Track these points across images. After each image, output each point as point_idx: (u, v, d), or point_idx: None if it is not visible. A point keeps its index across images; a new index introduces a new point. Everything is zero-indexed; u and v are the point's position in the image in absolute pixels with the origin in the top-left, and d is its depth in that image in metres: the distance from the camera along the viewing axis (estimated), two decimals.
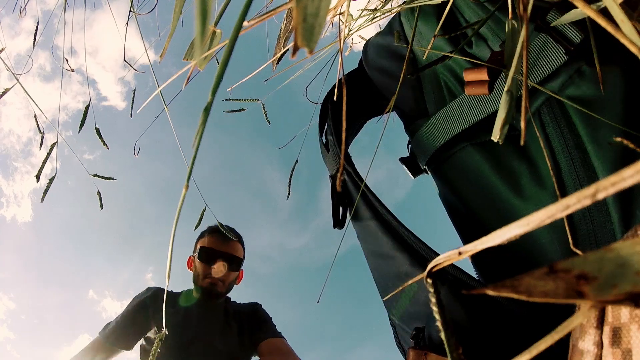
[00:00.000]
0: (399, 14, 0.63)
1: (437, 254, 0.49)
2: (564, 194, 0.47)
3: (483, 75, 0.47)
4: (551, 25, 0.47)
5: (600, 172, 0.45)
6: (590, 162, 0.46)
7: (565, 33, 0.46)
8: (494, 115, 0.52)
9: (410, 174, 0.68)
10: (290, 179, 1.09)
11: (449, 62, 0.57)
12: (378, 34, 0.71)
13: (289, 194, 1.17)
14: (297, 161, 1.04)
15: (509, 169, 0.51)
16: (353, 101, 0.71)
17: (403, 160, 0.69)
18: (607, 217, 0.44)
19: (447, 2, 0.52)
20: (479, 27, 0.49)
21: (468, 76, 0.49)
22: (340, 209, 0.64)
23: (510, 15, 0.40)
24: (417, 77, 0.62)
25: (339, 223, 0.63)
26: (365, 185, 0.58)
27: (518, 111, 0.48)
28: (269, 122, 1.08)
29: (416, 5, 0.56)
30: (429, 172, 0.63)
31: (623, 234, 0.42)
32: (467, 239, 0.57)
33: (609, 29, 0.18)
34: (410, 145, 0.68)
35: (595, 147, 0.45)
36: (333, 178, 0.63)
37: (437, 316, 0.15)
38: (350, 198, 0.61)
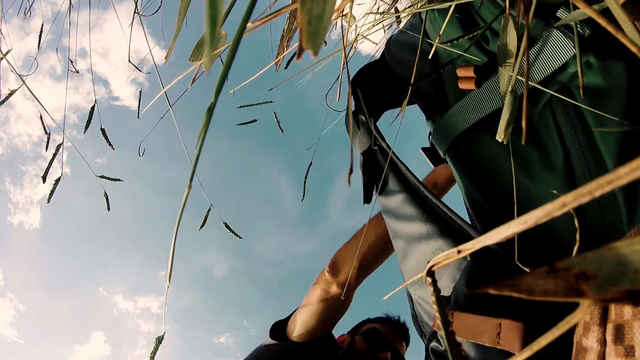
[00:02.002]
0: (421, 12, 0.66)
1: (467, 223, 0.52)
2: (573, 177, 0.50)
3: (470, 73, 0.52)
4: (555, 25, 0.49)
5: (606, 155, 0.48)
6: (596, 147, 0.49)
7: (574, 27, 0.48)
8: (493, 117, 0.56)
9: (431, 163, 0.73)
10: (305, 181, 1.09)
11: (468, 58, 0.60)
12: (401, 31, 0.74)
13: (304, 196, 1.18)
14: (311, 163, 1.05)
15: (522, 155, 0.54)
16: (377, 89, 0.74)
17: (425, 150, 0.72)
18: (617, 216, 0.46)
19: (462, 2, 0.54)
20: (489, 24, 0.53)
21: (459, 72, 0.53)
22: (367, 186, 0.68)
23: (507, 12, 0.41)
24: (438, 72, 0.64)
25: (368, 198, 0.67)
26: (397, 157, 0.61)
27: (532, 104, 0.51)
28: (282, 130, 1.08)
29: (424, 9, 0.57)
30: (448, 161, 0.65)
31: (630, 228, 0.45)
32: (482, 222, 0.58)
33: (610, 29, 0.18)
34: (430, 136, 0.70)
35: (601, 133, 0.48)
36: (364, 155, 0.66)
37: (437, 314, 0.15)
38: (381, 172, 0.64)
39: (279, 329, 1.11)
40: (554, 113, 0.52)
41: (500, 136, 0.44)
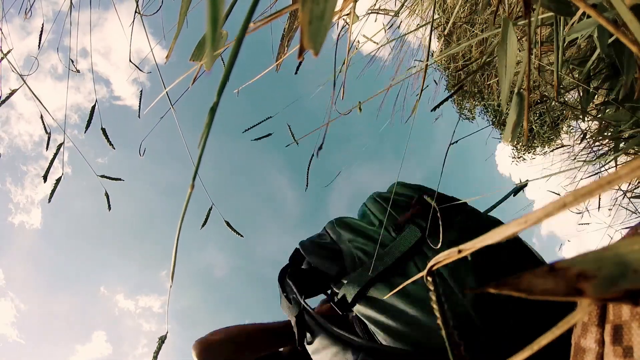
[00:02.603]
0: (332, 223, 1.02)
1: (360, 337, 0.79)
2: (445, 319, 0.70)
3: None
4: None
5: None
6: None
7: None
8: (381, 274, 0.83)
9: (340, 312, 0.96)
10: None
11: (359, 244, 0.93)
12: (314, 236, 1.06)
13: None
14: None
15: (406, 294, 0.78)
16: (304, 280, 1.03)
17: (336, 304, 0.94)
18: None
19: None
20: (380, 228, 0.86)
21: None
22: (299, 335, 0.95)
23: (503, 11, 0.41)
24: (340, 255, 0.94)
25: (301, 345, 0.92)
26: (317, 316, 0.88)
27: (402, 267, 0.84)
28: (297, 143, 1.08)
29: (418, 28, 0.57)
30: (355, 312, 0.88)
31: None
32: (399, 344, 0.78)
33: (610, 29, 0.19)
34: (335, 297, 0.96)
35: (457, 289, 0.71)
36: (296, 317, 0.93)
37: (437, 314, 0.15)
38: (309, 328, 0.92)
39: None
40: (417, 267, 0.80)
41: (507, 139, 0.49)
